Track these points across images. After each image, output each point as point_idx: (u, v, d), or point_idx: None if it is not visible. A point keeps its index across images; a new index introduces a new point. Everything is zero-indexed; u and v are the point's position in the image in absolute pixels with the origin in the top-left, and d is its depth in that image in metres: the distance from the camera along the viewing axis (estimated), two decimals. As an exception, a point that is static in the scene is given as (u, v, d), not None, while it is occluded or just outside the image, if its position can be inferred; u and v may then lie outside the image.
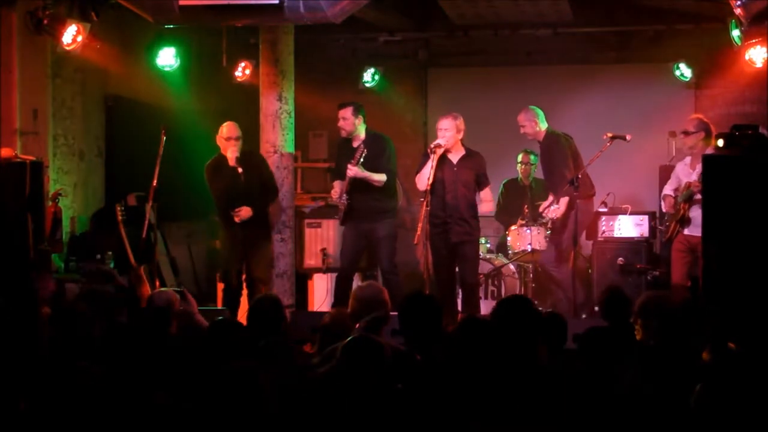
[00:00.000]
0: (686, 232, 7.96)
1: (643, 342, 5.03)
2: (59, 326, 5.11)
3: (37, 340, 4.79)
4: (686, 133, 8.17)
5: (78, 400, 3.68)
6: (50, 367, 4.15)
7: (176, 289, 7.07)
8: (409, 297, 5.17)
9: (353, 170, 8.28)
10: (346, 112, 8.52)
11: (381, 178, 8.38)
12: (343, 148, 8.69)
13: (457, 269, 8.34)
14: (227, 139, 8.35)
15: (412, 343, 4.84)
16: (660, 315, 5.06)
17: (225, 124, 8.46)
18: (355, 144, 8.51)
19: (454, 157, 8.20)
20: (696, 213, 7.80)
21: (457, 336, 4.14)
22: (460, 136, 8.19)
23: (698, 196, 7.68)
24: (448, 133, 8.14)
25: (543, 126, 8.83)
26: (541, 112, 8.86)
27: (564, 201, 8.59)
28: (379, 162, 8.39)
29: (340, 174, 8.61)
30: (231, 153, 8.27)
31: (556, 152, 8.73)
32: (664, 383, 4.02)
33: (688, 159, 8.20)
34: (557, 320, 5.12)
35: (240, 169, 8.20)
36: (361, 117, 8.54)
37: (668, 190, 8.30)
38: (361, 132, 8.55)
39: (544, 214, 8.89)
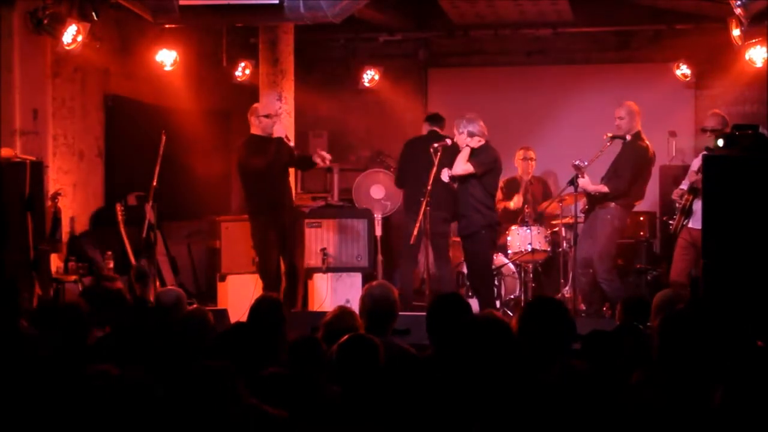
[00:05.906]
0: (690, 224, 7.92)
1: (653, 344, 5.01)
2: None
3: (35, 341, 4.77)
4: (705, 130, 8.12)
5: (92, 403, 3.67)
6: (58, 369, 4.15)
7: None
8: (439, 297, 5.16)
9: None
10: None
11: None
12: None
13: None
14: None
15: (438, 344, 4.81)
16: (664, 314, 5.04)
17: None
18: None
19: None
20: (699, 206, 7.76)
21: (457, 335, 4.12)
22: (463, 137, 8.27)
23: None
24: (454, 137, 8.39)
25: (637, 126, 8.52)
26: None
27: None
28: None
29: None
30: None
31: (639, 157, 8.43)
32: (664, 383, 4.02)
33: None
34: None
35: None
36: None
37: (684, 184, 8.25)
38: None
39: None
